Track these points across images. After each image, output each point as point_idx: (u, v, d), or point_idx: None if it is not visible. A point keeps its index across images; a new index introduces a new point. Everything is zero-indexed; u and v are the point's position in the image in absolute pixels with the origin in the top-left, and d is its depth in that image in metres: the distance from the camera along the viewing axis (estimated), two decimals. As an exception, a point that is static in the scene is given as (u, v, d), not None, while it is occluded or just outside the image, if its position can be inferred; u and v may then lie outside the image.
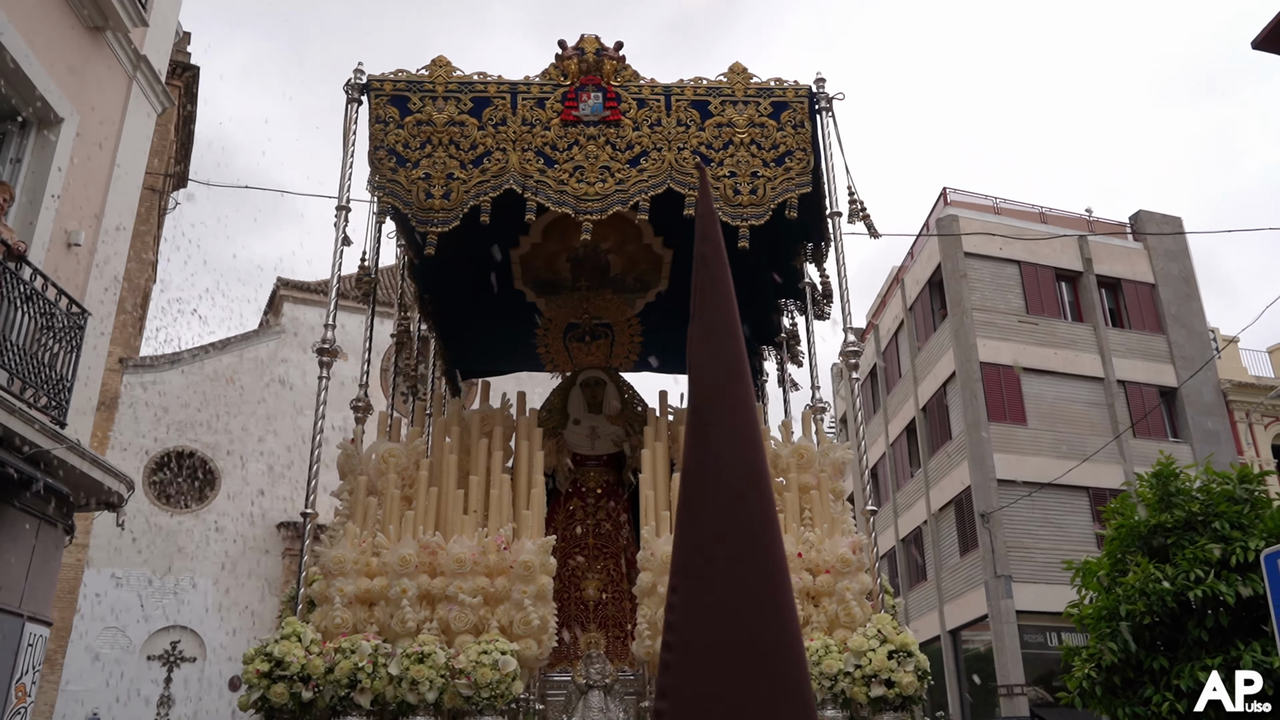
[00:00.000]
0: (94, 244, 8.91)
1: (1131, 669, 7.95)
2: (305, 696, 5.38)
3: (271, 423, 25.53)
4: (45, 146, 8.34)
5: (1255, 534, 7.72)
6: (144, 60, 9.71)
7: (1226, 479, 8.39)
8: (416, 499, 6.50)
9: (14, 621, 7.68)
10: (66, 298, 7.93)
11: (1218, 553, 7.66)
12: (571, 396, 8.64)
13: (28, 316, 7.45)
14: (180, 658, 23.02)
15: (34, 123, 8.35)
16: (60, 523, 8.29)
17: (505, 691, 5.43)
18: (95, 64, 9.07)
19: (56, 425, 7.59)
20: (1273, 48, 14.13)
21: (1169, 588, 7.67)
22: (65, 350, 7.91)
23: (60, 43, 8.52)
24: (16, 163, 8.18)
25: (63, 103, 8.44)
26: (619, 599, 7.67)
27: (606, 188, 6.57)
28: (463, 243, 6.80)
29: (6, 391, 6.99)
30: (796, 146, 6.79)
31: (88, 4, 8.75)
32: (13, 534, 7.66)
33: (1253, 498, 8.26)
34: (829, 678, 5.51)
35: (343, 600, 5.81)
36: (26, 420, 7.11)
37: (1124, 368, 25.55)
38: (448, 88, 6.78)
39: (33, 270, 7.51)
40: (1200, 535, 7.95)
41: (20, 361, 7.35)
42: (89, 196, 8.95)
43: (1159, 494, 8.42)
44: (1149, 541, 8.30)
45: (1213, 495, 8.21)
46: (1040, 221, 27.72)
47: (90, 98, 8.93)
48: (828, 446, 7.13)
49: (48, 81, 8.23)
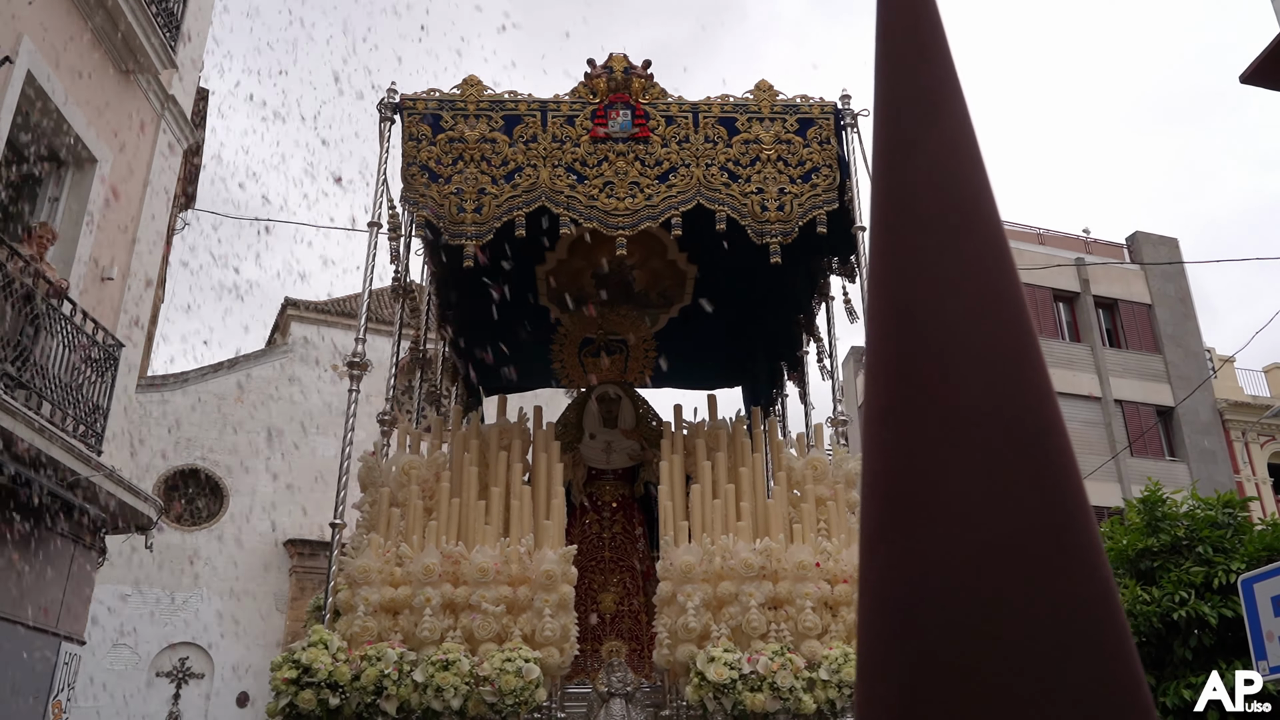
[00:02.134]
0: (124, 276, 9.31)
1: (1120, 687, 8.27)
2: (332, 703, 5.45)
3: (279, 440, 25.87)
4: (81, 185, 8.75)
5: (1237, 558, 8.08)
6: (171, 99, 10.13)
7: (1211, 504, 8.76)
8: (438, 509, 6.59)
9: (51, 641, 8.04)
10: (102, 330, 8.31)
11: (1201, 576, 8.04)
12: (586, 411, 8.76)
13: (66, 348, 7.83)
14: (189, 674, 23.30)
15: (70, 163, 8.77)
16: (94, 546, 8.65)
17: (529, 699, 5.50)
18: (127, 105, 9.49)
19: (93, 452, 7.96)
20: (1260, 82, 14.55)
21: (1155, 609, 8.03)
22: (100, 379, 8.28)
23: (96, 87, 8.94)
24: (55, 201, 8.58)
25: (98, 144, 8.85)
26: (634, 611, 7.81)
27: (636, 203, 6.68)
28: (488, 258, 6.88)
29: (48, 421, 7.36)
30: (823, 163, 6.89)
31: (121, 49, 9.17)
32: (50, 557, 8.02)
33: (1235, 522, 8.62)
34: (849, 686, 5.58)
35: (367, 609, 5.90)
36: (66, 448, 7.48)
37: (1121, 387, 25.88)
38: (479, 106, 6.91)
39: (73, 306, 7.89)
40: (1185, 559, 8.31)
41: (59, 391, 7.73)
42: (120, 231, 9.35)
43: (1146, 519, 8.79)
44: (1136, 565, 8.65)
45: (1197, 520, 8.57)
46: (1038, 243, 28.12)
47: (122, 137, 9.35)
48: (843, 458, 7.16)
49: (84, 124, 8.64)
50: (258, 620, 24.15)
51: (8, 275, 7.06)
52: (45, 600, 7.93)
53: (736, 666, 5.52)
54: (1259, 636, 5.87)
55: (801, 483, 6.89)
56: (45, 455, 7.22)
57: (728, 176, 6.77)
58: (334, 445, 26.08)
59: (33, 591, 7.74)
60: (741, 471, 6.90)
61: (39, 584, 7.84)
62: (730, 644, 5.72)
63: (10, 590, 7.44)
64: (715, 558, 6.04)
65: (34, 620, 7.75)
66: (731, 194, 6.73)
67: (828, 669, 5.63)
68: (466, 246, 6.50)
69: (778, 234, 6.64)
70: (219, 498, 24.98)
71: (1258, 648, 5.87)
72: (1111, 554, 8.88)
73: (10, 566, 7.44)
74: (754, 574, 5.96)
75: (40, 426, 7.11)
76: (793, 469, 7.03)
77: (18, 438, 6.84)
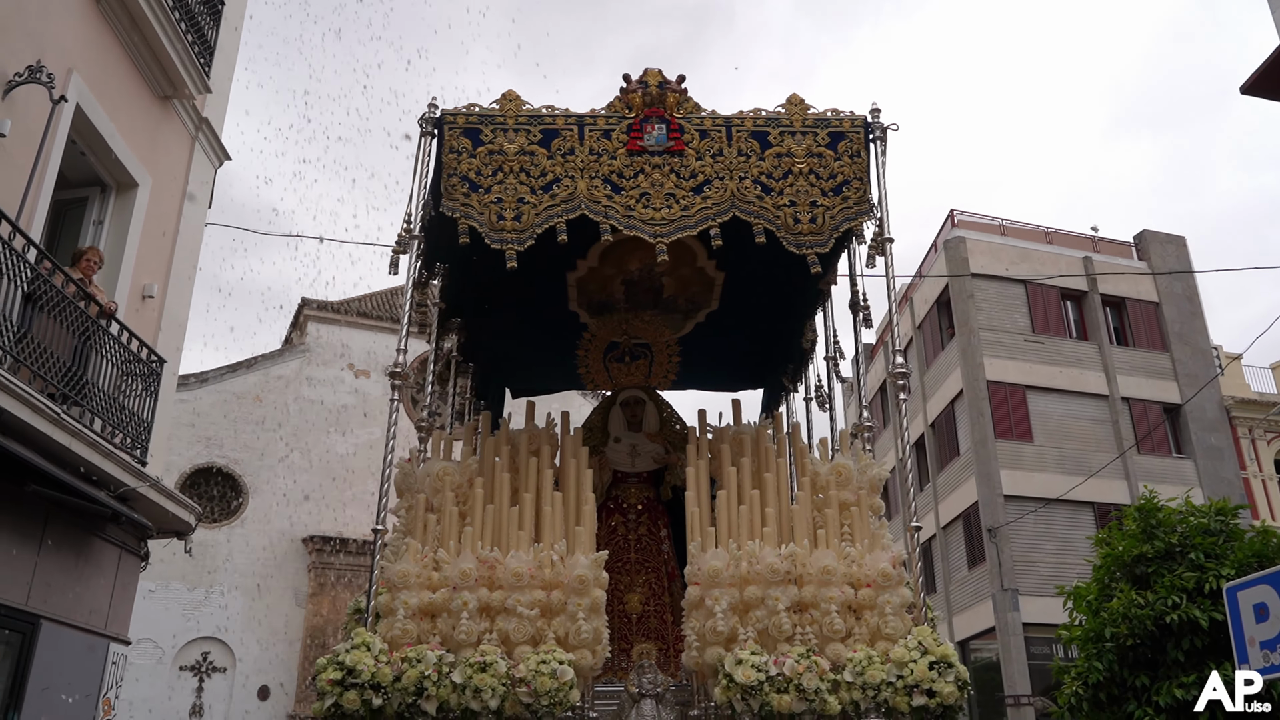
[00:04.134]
0: (164, 294, 9.75)
1: (1116, 686, 8.65)
2: (375, 703, 5.63)
3: (297, 439, 26.34)
4: (124, 209, 9.18)
5: (1227, 564, 8.45)
6: (205, 122, 10.56)
7: (1204, 512, 9.14)
8: (472, 515, 6.75)
9: (101, 643, 8.49)
10: (147, 348, 8.74)
11: (1193, 581, 8.42)
12: (612, 415, 8.99)
13: (113, 366, 8.26)
14: (211, 668, 23.87)
15: (113, 187, 9.19)
16: (138, 551, 9.11)
17: (564, 699, 5.66)
18: (165, 130, 9.92)
19: (139, 464, 8.40)
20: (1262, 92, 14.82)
21: (1149, 613, 8.40)
22: (146, 395, 8.72)
23: (136, 113, 9.36)
24: (100, 224, 9.01)
25: (139, 168, 9.28)
26: (660, 611, 8.04)
27: (672, 214, 6.88)
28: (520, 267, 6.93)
29: (99, 436, 7.80)
30: (854, 176, 7.06)
31: (160, 76, 9.59)
32: (98, 563, 8.48)
33: (1227, 529, 9.00)
34: (872, 688, 5.75)
35: (407, 612, 6.07)
36: (116, 461, 7.91)
37: (1128, 385, 26.11)
38: (518, 120, 7.09)
39: (120, 326, 8.32)
40: (1178, 564, 8.69)
41: (108, 407, 8.16)
42: (159, 251, 9.79)
43: (1142, 526, 9.16)
44: (1132, 570, 9.03)
45: (1190, 527, 8.95)
46: (1046, 242, 28.37)
47: (160, 160, 9.77)
48: (866, 464, 7.27)
49: (126, 150, 9.06)
50: (278, 615, 24.67)
51: (63, 299, 7.49)
52: (95, 604, 8.39)
53: (763, 669, 5.69)
54: (1242, 642, 6.20)
55: (825, 488, 7.07)
56: (98, 469, 7.65)
57: (761, 189, 6.97)
58: (351, 443, 26.68)
59: (85, 596, 8.20)
60: (766, 477, 7.03)
61: (90, 589, 8.30)
62: (757, 646, 5.89)
63: (66, 596, 7.90)
64: (742, 563, 6.21)
65: (86, 623, 8.21)
66: (765, 207, 6.94)
67: (852, 671, 5.80)
68: (508, 251, 6.70)
69: (811, 246, 6.85)
70: (239, 494, 25.50)
71: (1240, 652, 6.20)
72: (1109, 559, 9.27)
73: (66, 574, 7.90)
74: (780, 579, 6.15)
75: (93, 441, 7.54)
76: (817, 474, 7.19)
77: (74, 453, 7.28)
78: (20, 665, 7.34)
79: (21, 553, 7.34)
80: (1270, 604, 6.05)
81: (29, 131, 7.53)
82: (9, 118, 7.24)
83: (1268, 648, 6.02)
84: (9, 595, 7.18)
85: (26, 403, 6.67)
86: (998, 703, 22.32)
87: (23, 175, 7.44)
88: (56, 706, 7.75)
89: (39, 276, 7.22)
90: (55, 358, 7.37)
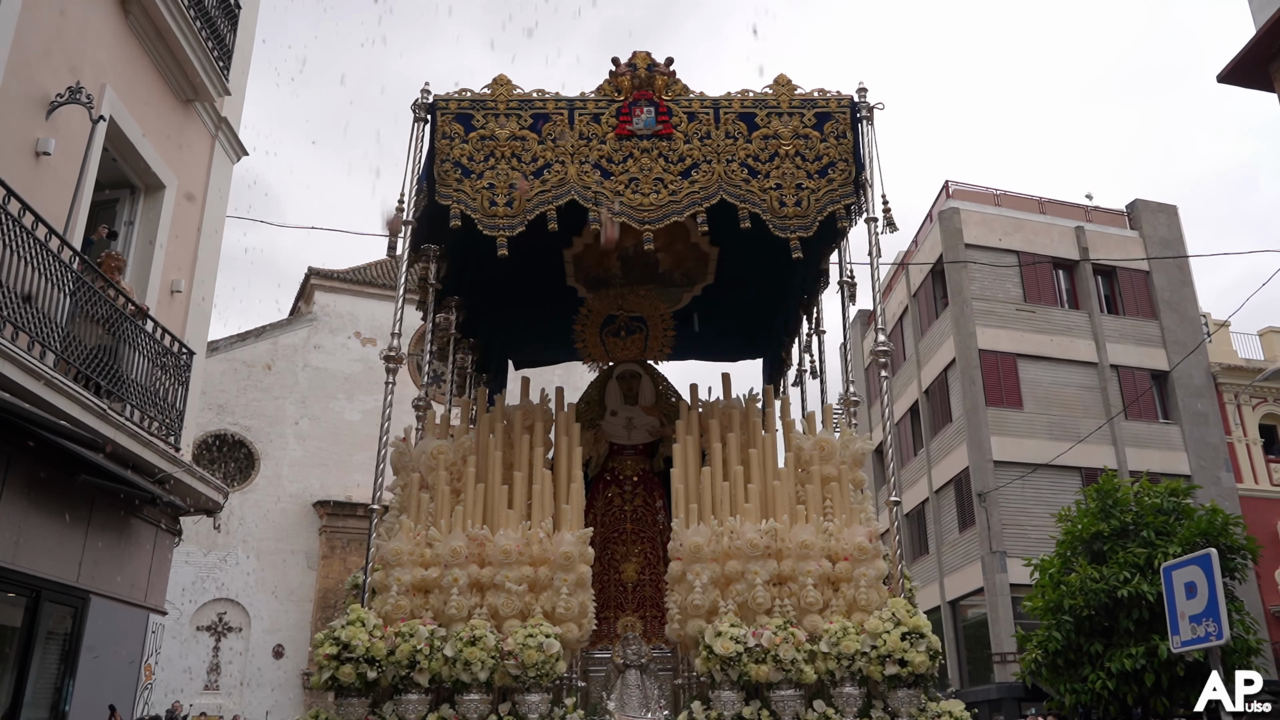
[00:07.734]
0: (190, 288, 10.38)
1: (1073, 652, 9.42)
2: (370, 676, 5.84)
3: (306, 406, 27.04)
4: (152, 209, 9.78)
5: (1175, 541, 9.18)
6: (224, 121, 11.12)
7: (1158, 492, 9.83)
8: (464, 494, 6.86)
9: (140, 614, 9.26)
10: (177, 341, 9.40)
11: (1143, 557, 9.14)
12: (609, 389, 9.13)
13: (147, 360, 8.92)
14: (227, 628, 24.80)
15: (142, 189, 9.79)
16: (171, 529, 9.83)
17: (550, 671, 5.89)
18: (187, 131, 10.49)
19: (174, 449, 9.09)
20: (1237, 81, 15.24)
21: (1103, 586, 9.14)
22: (176, 385, 9.39)
23: (161, 117, 9.93)
24: (130, 224, 9.62)
25: (165, 170, 9.86)
26: (655, 580, 8.11)
27: (660, 199, 6.99)
28: (518, 244, 7.07)
29: (137, 426, 8.48)
30: (839, 157, 7.14)
31: (182, 82, 10.15)
32: (138, 541, 9.21)
33: (1179, 508, 9.69)
34: (847, 657, 5.97)
35: (400, 589, 6.27)
36: (153, 448, 8.60)
37: (1117, 352, 26.67)
38: (509, 105, 7.18)
39: (154, 323, 8.97)
40: (1131, 541, 9.42)
41: (143, 398, 8.83)
42: (185, 247, 10.41)
43: (1100, 505, 9.86)
44: (1090, 546, 9.75)
45: (1144, 506, 9.64)
46: (1039, 212, 28.81)
47: (184, 161, 10.36)
48: (848, 438, 7.36)
49: (154, 154, 9.65)
50: (291, 577, 25.53)
51: (102, 301, 8.14)
52: (136, 579, 9.14)
53: (742, 640, 5.92)
54: (1174, 615, 6.93)
55: (809, 463, 7.21)
56: (137, 457, 8.34)
57: (747, 173, 7.08)
58: (358, 410, 27.35)
59: (126, 572, 8.94)
60: (751, 453, 7.21)
61: (131, 565, 9.04)
62: (736, 619, 6.12)
63: (111, 572, 8.64)
64: (723, 538, 6.41)
65: (128, 596, 8.97)
66: (751, 190, 7.06)
67: (828, 642, 6.03)
68: (498, 238, 6.86)
69: (796, 229, 6.97)
70: (250, 461, 26.25)
71: (1173, 625, 6.93)
72: (1069, 536, 10.00)
73: (110, 552, 8.63)
74: (759, 553, 6.34)
75: (133, 432, 8.22)
76: (801, 449, 7.34)
77: (117, 443, 7.96)
78: (74, 636, 8.11)
79: (73, 536, 8.06)
80: (1198, 583, 6.76)
81: (70, 148, 8.12)
82: (53, 136, 7.83)
83: (1195, 621, 6.75)
84: (64, 574, 7.92)
85: (78, 401, 7.33)
86: (987, 659, 23.19)
87: (64, 187, 8.04)
88: (106, 672, 8.53)
89: (83, 284, 7.84)
90: (98, 356, 8.02)
